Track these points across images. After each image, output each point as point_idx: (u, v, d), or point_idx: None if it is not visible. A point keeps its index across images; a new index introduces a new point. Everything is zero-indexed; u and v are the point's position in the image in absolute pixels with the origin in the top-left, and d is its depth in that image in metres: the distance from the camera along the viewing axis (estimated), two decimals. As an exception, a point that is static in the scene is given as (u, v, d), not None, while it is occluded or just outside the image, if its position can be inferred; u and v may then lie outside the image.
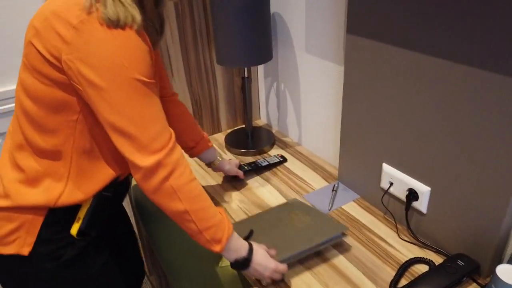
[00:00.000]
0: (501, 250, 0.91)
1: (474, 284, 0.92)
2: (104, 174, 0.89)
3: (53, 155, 0.83)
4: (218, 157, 1.25)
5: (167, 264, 1.27)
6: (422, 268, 0.97)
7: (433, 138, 0.94)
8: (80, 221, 0.89)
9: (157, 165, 0.78)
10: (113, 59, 0.71)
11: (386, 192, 1.11)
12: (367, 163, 1.16)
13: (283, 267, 0.92)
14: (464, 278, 0.91)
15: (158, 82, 1.08)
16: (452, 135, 0.90)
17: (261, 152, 1.49)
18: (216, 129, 1.64)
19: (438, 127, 0.92)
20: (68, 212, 0.88)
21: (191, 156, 1.21)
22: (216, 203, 1.24)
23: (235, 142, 1.54)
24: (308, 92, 1.42)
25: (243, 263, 0.89)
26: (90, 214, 0.89)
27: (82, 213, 0.89)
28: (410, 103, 0.97)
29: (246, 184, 1.31)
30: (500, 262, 0.94)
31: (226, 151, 1.52)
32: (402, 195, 1.06)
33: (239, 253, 0.89)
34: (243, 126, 1.63)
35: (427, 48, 0.88)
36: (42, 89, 0.78)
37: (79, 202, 0.88)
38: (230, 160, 1.30)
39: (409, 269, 0.97)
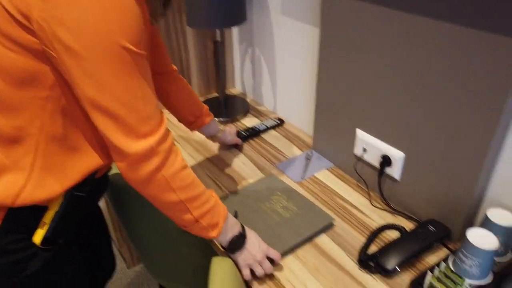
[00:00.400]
0: (472, 216, 0.90)
1: (445, 249, 0.91)
2: (78, 168, 0.75)
3: (13, 139, 0.69)
4: (221, 128, 1.21)
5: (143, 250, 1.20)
6: (394, 235, 0.95)
7: (408, 104, 0.91)
8: (46, 227, 0.74)
9: (149, 153, 0.68)
10: (97, 20, 0.58)
11: (359, 159, 1.08)
12: (341, 130, 1.12)
13: (275, 252, 0.86)
14: (435, 244, 0.89)
15: (154, 57, 0.98)
16: (427, 101, 0.86)
17: (234, 120, 1.44)
18: (188, 97, 1.57)
19: (413, 93, 0.89)
20: (31, 214, 0.74)
21: (192, 129, 1.14)
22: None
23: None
24: (284, 57, 1.36)
25: (238, 242, 0.83)
26: (58, 218, 0.75)
27: (48, 217, 0.75)
28: (386, 68, 0.93)
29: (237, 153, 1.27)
30: (471, 227, 0.93)
31: (198, 120, 1.46)
32: (376, 161, 1.03)
33: (234, 231, 0.83)
34: (217, 95, 1.57)
35: (408, 7, 0.83)
36: (7, 57, 0.63)
37: (45, 203, 0.74)
38: (230, 130, 1.24)
39: (380, 236, 0.95)
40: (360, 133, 1.06)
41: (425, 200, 0.96)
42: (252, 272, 0.84)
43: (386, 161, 1.00)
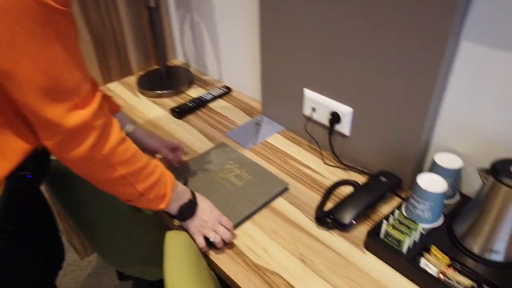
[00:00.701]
0: (420, 163, 0.92)
1: (397, 198, 0.92)
2: (16, 149, 0.68)
3: None
4: (129, 125, 0.97)
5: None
6: (348, 190, 0.95)
7: (352, 60, 0.89)
8: None
9: (83, 128, 0.61)
10: None
11: (309, 119, 1.06)
12: (289, 92, 1.09)
13: (227, 220, 0.83)
14: (387, 194, 0.90)
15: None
16: (370, 55, 0.85)
17: (178, 92, 1.37)
18: (126, 71, 1.47)
19: (357, 48, 0.87)
20: None
21: None
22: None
23: (148, 84, 1.40)
24: (225, 22, 1.30)
25: (188, 209, 0.79)
26: (3, 203, 0.69)
27: None
28: (330, 23, 0.90)
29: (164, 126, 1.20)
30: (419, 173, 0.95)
31: (140, 95, 1.38)
32: (325, 119, 1.02)
33: (184, 199, 0.79)
34: (158, 67, 1.48)
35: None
36: None
37: None
38: (157, 136, 1.02)
39: (335, 193, 0.95)
40: (308, 93, 1.04)
41: (375, 153, 0.96)
42: (207, 241, 0.80)
43: (335, 118, 0.99)
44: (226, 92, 1.35)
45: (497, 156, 0.79)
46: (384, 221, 0.78)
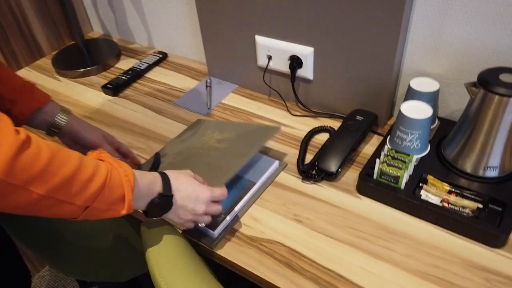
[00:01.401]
0: (393, 95, 0.87)
1: (377, 136, 0.87)
2: None
3: None
4: (60, 115, 0.78)
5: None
6: (324, 137, 0.88)
7: (306, -14, 0.79)
8: None
9: None
10: None
11: (266, 69, 0.96)
12: (238, 43, 0.97)
13: (221, 190, 0.67)
14: (367, 132, 0.85)
15: None
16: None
17: (106, 67, 1.18)
18: (36, 54, 1.24)
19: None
20: None
21: (21, 122, 0.77)
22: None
23: (67, 63, 1.19)
24: (144, -24, 1.12)
25: (162, 205, 0.61)
26: None
27: None
28: None
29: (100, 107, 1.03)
30: (393, 106, 0.91)
31: (60, 78, 1.17)
32: (285, 66, 0.92)
33: (152, 192, 0.60)
34: (73, 42, 1.26)
35: None
36: None
37: None
38: (98, 129, 0.82)
39: (311, 143, 0.87)
40: (260, 40, 0.92)
41: (345, 93, 0.89)
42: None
43: (295, 62, 0.90)
44: (162, 58, 1.20)
45: (472, 72, 0.76)
46: (377, 160, 0.72)
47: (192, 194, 0.63)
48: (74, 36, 1.21)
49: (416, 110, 0.73)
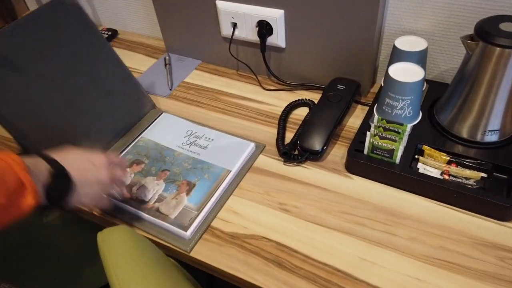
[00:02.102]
0: (374, 60, 0.78)
1: (361, 106, 0.79)
2: None
3: None
4: None
5: None
6: (303, 112, 0.79)
7: None
8: None
9: None
10: None
11: (232, 40, 0.84)
12: (197, 12, 0.85)
13: (111, 155, 0.60)
14: (351, 102, 0.76)
15: None
16: None
17: (47, 50, 1.03)
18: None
19: None
20: None
21: None
22: None
23: None
24: None
25: (60, 182, 0.50)
26: None
27: None
28: None
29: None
30: (375, 72, 0.82)
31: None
32: (253, 34, 0.81)
33: (41, 173, 0.49)
34: (4, 24, 1.09)
35: None
36: None
37: None
38: None
39: (289, 120, 0.78)
40: (222, 5, 0.80)
41: (322, 61, 0.80)
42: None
43: (264, 28, 0.79)
44: (111, 36, 1.05)
45: (463, 26, 0.68)
46: (368, 133, 0.63)
47: (86, 164, 0.55)
48: (5, 17, 1.04)
49: (405, 72, 0.64)
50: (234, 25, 0.82)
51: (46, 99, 0.68)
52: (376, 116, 0.66)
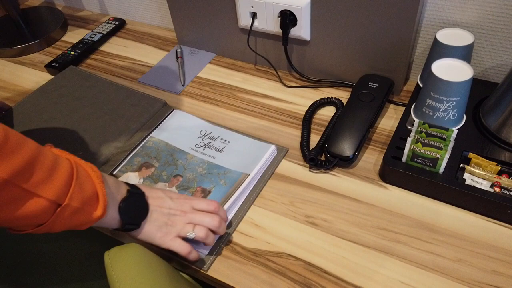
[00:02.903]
0: (410, 55, 0.70)
1: (394, 106, 0.71)
2: None
3: None
4: None
5: None
6: (330, 112, 0.71)
7: None
8: None
9: None
10: None
11: (250, 31, 0.77)
12: (211, 0, 0.77)
13: (204, 200, 0.54)
14: (384, 102, 0.69)
15: None
16: None
17: (49, 41, 0.96)
18: (-40, 29, 1.00)
19: None
20: None
21: None
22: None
23: (0, 40, 0.96)
24: None
25: (135, 205, 0.50)
26: None
27: None
28: None
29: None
30: (409, 68, 0.75)
31: (-8, 58, 0.94)
32: (274, 25, 0.74)
33: (120, 190, 0.49)
34: (6, 14, 1.02)
35: None
36: None
37: None
38: None
39: (314, 121, 0.71)
40: (240, -7, 0.73)
41: (351, 55, 0.72)
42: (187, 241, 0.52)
43: (287, 18, 0.71)
44: (118, 26, 0.98)
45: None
46: (408, 139, 0.56)
47: (163, 193, 0.53)
48: (6, 5, 0.97)
49: (451, 70, 0.57)
50: (254, 15, 0.74)
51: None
52: (416, 120, 0.59)
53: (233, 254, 0.53)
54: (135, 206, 0.50)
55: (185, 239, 0.51)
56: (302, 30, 0.72)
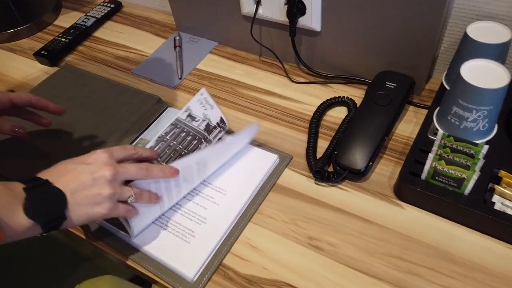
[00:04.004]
0: (435, 51, 0.61)
1: (414, 108, 0.63)
2: None
3: None
4: None
5: None
6: (341, 114, 0.64)
7: None
8: None
9: None
10: None
11: (254, 19, 0.69)
12: (212, -17, 0.69)
13: (121, 147, 0.47)
14: (403, 105, 0.61)
15: None
16: None
17: (41, 25, 0.89)
18: None
19: None
20: None
21: None
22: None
23: (-11, 23, 0.90)
24: None
25: (41, 195, 0.41)
26: None
27: None
28: None
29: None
30: (433, 64, 0.66)
31: (-19, 43, 0.88)
32: (280, 13, 0.65)
33: (16, 196, 0.40)
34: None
35: None
36: None
37: None
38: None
39: (323, 123, 0.63)
40: (243, -24, 0.65)
41: (365, 49, 0.64)
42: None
43: (295, 7, 0.63)
44: (114, 8, 0.90)
45: None
46: (430, 155, 0.48)
47: (77, 166, 0.43)
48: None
49: (483, 74, 0.48)
50: (258, 2, 0.66)
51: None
52: (440, 131, 0.51)
53: (225, 281, 0.48)
54: (44, 201, 0.41)
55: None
56: (311, 19, 0.64)
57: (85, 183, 0.42)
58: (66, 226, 0.42)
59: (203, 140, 0.57)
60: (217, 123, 0.59)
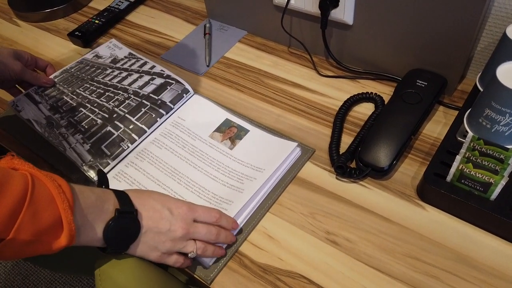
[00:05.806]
0: (469, 50, 0.59)
1: (443, 108, 0.61)
2: None
3: None
4: None
5: None
6: (367, 110, 0.63)
7: None
8: None
9: None
10: None
11: (285, 9, 0.68)
12: (245, -29, 0.69)
13: (212, 210, 0.48)
14: (433, 104, 0.59)
15: None
16: None
17: (76, 6, 0.92)
18: (-11, -11, 0.97)
19: None
20: None
21: None
22: None
23: (27, 3, 0.92)
24: None
25: (124, 223, 0.42)
26: None
27: None
28: None
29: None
30: (468, 64, 0.64)
31: (19, 22, 0.91)
32: (312, 4, 0.64)
33: (104, 211, 0.41)
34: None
35: None
36: None
37: None
38: (18, 52, 0.67)
39: (348, 119, 0.62)
40: (277, -35, 0.64)
41: (398, 45, 0.62)
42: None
43: (328, -1, 0.62)
44: (148, -6, 0.92)
45: None
46: (457, 157, 0.47)
47: (164, 211, 0.44)
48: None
49: (521, 77, 0.47)
50: (291, -8, 0.65)
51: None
52: (470, 133, 0.50)
53: (241, 268, 0.48)
54: (124, 231, 0.42)
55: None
56: (344, 12, 0.62)
57: (160, 230, 0.44)
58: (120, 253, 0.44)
59: (108, 68, 0.70)
60: (125, 56, 0.72)
